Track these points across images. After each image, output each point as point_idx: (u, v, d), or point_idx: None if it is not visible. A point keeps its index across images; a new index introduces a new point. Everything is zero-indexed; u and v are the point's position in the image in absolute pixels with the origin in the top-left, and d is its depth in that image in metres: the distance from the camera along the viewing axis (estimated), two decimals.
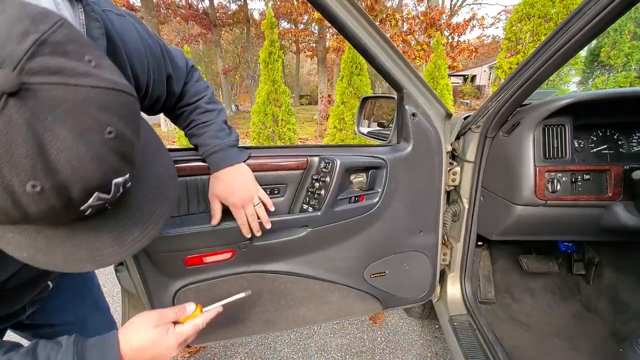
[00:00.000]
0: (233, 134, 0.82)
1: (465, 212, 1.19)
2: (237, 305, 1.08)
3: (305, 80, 36.61)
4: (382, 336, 1.70)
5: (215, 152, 0.79)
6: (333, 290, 1.14)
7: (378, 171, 1.03)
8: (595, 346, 1.23)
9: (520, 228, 1.12)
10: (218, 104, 0.82)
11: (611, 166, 1.01)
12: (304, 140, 8.30)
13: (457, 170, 1.17)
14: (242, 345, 1.64)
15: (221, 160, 0.79)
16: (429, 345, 1.63)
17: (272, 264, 1.04)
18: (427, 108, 1.02)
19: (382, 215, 1.07)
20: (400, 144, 1.06)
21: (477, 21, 10.59)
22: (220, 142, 0.78)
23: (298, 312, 1.14)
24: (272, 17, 4.67)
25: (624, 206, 0.99)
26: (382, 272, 1.17)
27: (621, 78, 10.06)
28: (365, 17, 0.84)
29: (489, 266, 1.50)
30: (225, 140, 0.79)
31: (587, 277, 1.47)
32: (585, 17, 0.68)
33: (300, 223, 0.97)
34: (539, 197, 1.01)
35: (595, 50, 10.93)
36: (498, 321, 1.35)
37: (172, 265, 0.93)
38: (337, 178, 0.95)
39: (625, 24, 9.96)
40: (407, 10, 12.15)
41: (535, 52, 0.85)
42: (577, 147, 1.10)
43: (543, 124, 1.03)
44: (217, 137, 0.78)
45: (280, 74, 4.79)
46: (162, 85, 0.67)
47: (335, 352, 1.59)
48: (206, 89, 0.80)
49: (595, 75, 11.21)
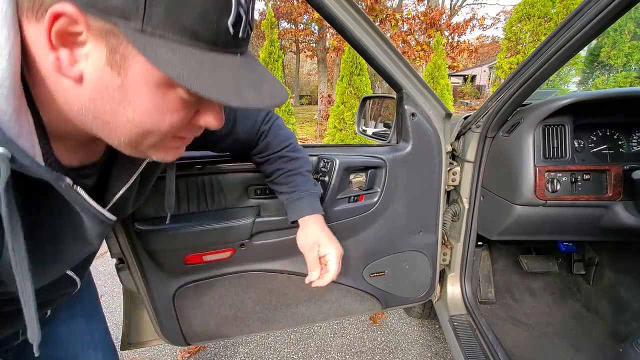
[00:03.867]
0: (318, 186, 0.84)
1: (465, 212, 1.19)
2: (236, 304, 1.08)
3: (305, 80, 36.61)
4: (382, 336, 1.70)
5: (300, 198, 0.79)
6: (332, 290, 1.14)
7: (377, 171, 1.03)
8: (595, 346, 1.23)
9: (520, 228, 1.12)
10: (302, 151, 0.82)
11: (611, 166, 1.01)
12: (304, 140, 8.30)
13: (457, 170, 1.17)
14: (242, 345, 1.64)
15: (306, 208, 0.79)
16: (429, 345, 1.63)
17: (271, 263, 1.04)
18: (427, 108, 1.02)
19: (381, 215, 1.07)
20: (400, 144, 1.06)
21: (477, 21, 10.59)
22: (305, 191, 0.79)
23: (297, 310, 1.15)
24: (272, 17, 4.67)
25: (624, 206, 0.99)
26: (382, 272, 1.17)
27: (621, 78, 10.05)
28: (364, 17, 0.84)
29: (489, 266, 1.50)
30: (310, 190, 0.80)
31: (587, 277, 1.47)
32: (585, 17, 0.68)
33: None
34: (539, 197, 1.01)
35: (595, 50, 10.92)
36: (498, 321, 1.35)
37: (172, 264, 0.93)
38: (336, 178, 0.95)
39: (625, 24, 9.96)
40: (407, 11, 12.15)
41: (535, 52, 0.85)
42: (577, 147, 1.10)
43: (543, 123, 1.03)
44: (302, 185, 0.80)
45: (280, 74, 4.79)
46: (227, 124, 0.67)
47: (335, 352, 1.59)
48: (291, 137, 0.80)
49: (595, 75, 11.21)
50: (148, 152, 0.40)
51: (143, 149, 0.38)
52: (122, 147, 0.38)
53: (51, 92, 0.32)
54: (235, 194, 0.94)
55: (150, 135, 0.36)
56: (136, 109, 0.33)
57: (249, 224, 0.93)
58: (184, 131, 0.39)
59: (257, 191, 0.96)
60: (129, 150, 0.38)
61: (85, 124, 0.35)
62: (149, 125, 0.34)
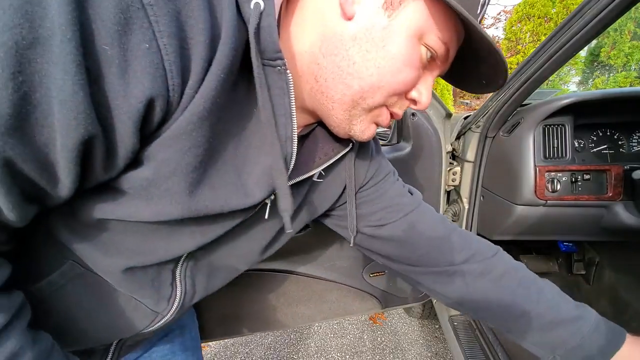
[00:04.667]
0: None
1: (465, 212, 1.19)
2: (236, 304, 1.08)
3: None
4: (382, 336, 1.70)
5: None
6: (332, 289, 1.14)
7: None
8: None
9: (521, 228, 1.12)
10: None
11: (611, 166, 1.01)
12: None
13: (457, 170, 1.17)
14: (242, 345, 1.64)
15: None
16: (429, 345, 1.63)
17: (271, 263, 1.04)
18: (427, 108, 1.02)
19: None
20: (400, 144, 1.06)
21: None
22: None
23: (297, 310, 1.15)
24: None
25: (625, 206, 0.99)
26: (382, 272, 1.17)
27: (621, 78, 10.05)
28: None
29: None
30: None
31: (587, 277, 1.47)
32: (585, 17, 0.68)
33: None
34: (539, 196, 1.01)
35: (595, 50, 10.93)
36: None
37: None
38: None
39: (625, 24, 9.96)
40: None
41: (535, 52, 0.85)
42: (577, 147, 1.10)
43: (543, 123, 1.03)
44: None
45: None
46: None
47: (335, 352, 1.59)
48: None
49: (595, 75, 11.21)
50: (355, 120, 0.40)
51: (356, 112, 0.38)
52: (337, 105, 0.38)
53: (309, 22, 0.35)
54: None
55: (377, 92, 0.37)
56: (387, 54, 0.34)
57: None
58: (398, 102, 0.40)
59: None
60: (341, 111, 0.38)
61: (320, 69, 0.35)
62: (388, 74, 0.35)
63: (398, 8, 0.33)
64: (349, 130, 0.41)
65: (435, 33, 0.35)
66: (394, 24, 0.33)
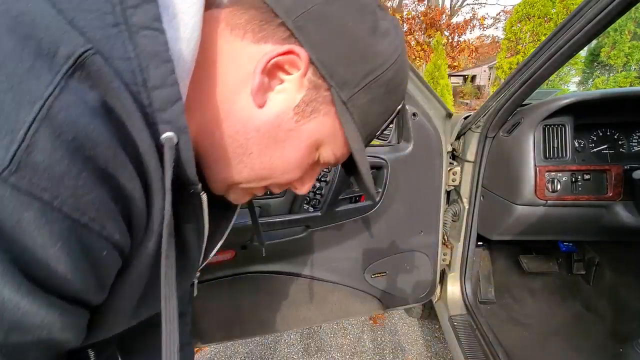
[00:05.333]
0: None
1: (466, 212, 1.19)
2: (236, 307, 1.08)
3: None
4: (382, 336, 1.70)
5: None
6: (333, 291, 1.14)
7: (379, 171, 1.03)
8: (595, 346, 1.23)
9: (521, 228, 1.12)
10: None
11: (611, 166, 1.01)
12: None
13: (457, 170, 1.17)
14: (242, 345, 1.64)
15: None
16: (429, 345, 1.63)
17: (272, 265, 1.04)
18: (428, 108, 1.02)
19: (382, 215, 1.07)
20: (401, 144, 1.06)
21: (478, 21, 10.59)
22: None
23: (298, 312, 1.14)
24: None
25: (624, 206, 0.99)
26: (383, 272, 1.17)
27: (621, 78, 10.05)
28: None
29: (489, 266, 1.50)
30: None
31: (587, 277, 1.47)
32: (585, 17, 0.68)
33: (301, 223, 0.97)
34: (539, 197, 1.01)
35: (595, 50, 10.92)
36: (498, 321, 1.35)
37: None
38: (337, 178, 0.95)
39: (625, 24, 9.95)
40: (407, 11, 12.15)
41: (535, 52, 0.85)
42: (577, 147, 1.10)
43: (543, 123, 1.03)
44: None
45: None
46: None
47: (335, 352, 1.59)
48: None
49: (595, 75, 11.21)
50: (235, 192, 0.40)
51: (239, 188, 0.39)
52: (224, 182, 0.37)
53: (213, 101, 0.33)
54: None
55: (262, 182, 0.37)
56: (284, 154, 0.35)
57: (250, 226, 0.92)
58: (279, 186, 0.41)
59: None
60: (224, 186, 0.38)
61: (213, 146, 0.34)
62: (279, 172, 0.36)
63: (308, 117, 0.33)
64: (224, 195, 0.41)
65: (332, 148, 0.37)
66: (300, 129, 0.34)
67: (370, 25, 0.32)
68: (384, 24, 0.33)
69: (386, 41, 0.33)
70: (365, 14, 0.32)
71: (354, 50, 0.32)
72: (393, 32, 0.34)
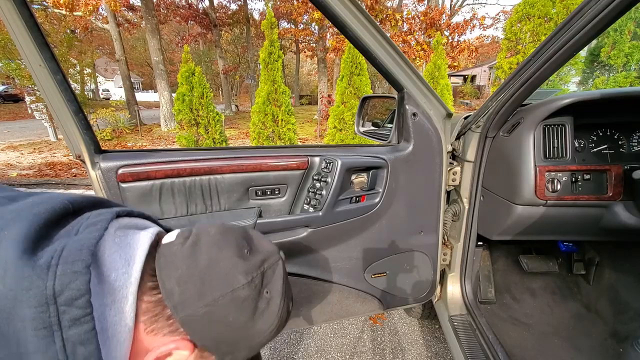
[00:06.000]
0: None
1: (466, 212, 1.19)
2: None
3: (305, 80, 36.60)
4: (382, 336, 1.70)
5: None
6: (334, 291, 1.14)
7: (379, 171, 1.03)
8: (595, 346, 1.23)
9: (521, 228, 1.12)
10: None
11: (611, 166, 1.01)
12: (304, 140, 8.30)
13: (457, 170, 1.17)
14: None
15: None
16: (429, 345, 1.63)
17: None
18: (428, 108, 1.02)
19: (383, 215, 1.07)
20: (401, 144, 1.06)
21: (478, 21, 10.59)
22: None
23: (298, 313, 1.14)
24: (272, 17, 4.66)
25: (624, 206, 0.99)
26: (383, 273, 1.17)
27: (621, 78, 10.04)
28: (365, 16, 0.84)
29: (489, 266, 1.50)
30: None
31: (587, 277, 1.47)
32: (585, 17, 0.68)
33: (301, 223, 0.97)
34: (539, 196, 1.01)
35: (595, 50, 10.92)
36: (498, 321, 1.35)
37: None
38: (338, 178, 0.95)
39: (625, 24, 9.94)
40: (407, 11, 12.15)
41: (535, 52, 0.85)
42: (577, 147, 1.10)
43: (543, 123, 1.03)
44: None
45: (280, 74, 4.78)
46: None
47: (335, 352, 1.59)
48: None
49: (595, 75, 11.20)
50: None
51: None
52: None
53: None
54: (235, 195, 0.94)
55: None
56: None
57: (250, 226, 0.92)
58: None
59: (258, 192, 0.96)
60: None
61: None
62: None
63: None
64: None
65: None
66: None
67: (248, 312, 0.41)
68: (262, 304, 0.43)
69: (262, 320, 0.43)
70: (244, 307, 0.41)
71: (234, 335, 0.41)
72: (273, 305, 0.45)
